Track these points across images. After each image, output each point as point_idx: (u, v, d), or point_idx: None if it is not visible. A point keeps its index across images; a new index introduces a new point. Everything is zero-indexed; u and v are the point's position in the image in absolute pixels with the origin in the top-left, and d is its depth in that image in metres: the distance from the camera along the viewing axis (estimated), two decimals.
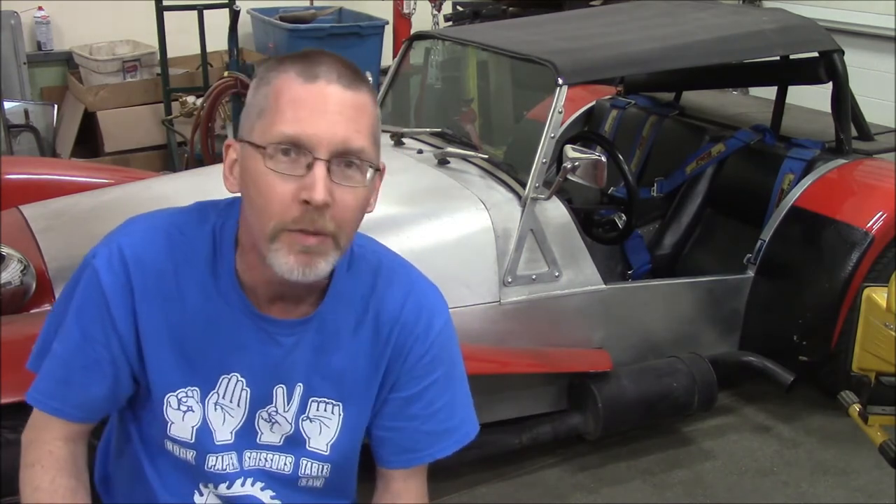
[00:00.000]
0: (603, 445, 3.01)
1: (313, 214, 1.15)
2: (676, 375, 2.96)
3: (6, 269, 2.33)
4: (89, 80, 5.40)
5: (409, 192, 2.87)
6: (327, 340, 1.32)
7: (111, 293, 1.26)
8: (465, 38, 3.51)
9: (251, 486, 1.36)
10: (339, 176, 1.17)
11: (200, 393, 1.31)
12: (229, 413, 1.32)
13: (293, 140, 1.15)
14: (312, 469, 1.37)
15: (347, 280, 1.33)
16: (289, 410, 1.33)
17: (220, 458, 1.34)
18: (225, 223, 1.30)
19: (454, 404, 1.40)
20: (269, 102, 1.18)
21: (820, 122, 3.66)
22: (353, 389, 1.35)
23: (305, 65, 1.17)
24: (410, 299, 1.35)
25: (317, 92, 1.16)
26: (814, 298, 3.10)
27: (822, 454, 3.06)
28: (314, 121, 1.15)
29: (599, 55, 3.08)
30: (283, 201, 1.15)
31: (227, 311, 1.29)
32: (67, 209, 2.80)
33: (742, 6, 5.76)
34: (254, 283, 1.28)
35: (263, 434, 1.35)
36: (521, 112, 3.98)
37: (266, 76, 1.21)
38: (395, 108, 3.69)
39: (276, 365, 1.31)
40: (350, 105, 1.17)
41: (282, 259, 1.17)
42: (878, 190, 3.19)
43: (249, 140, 1.19)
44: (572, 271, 2.85)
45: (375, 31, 5.57)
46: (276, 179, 1.16)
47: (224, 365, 1.30)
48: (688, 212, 3.62)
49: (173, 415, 1.31)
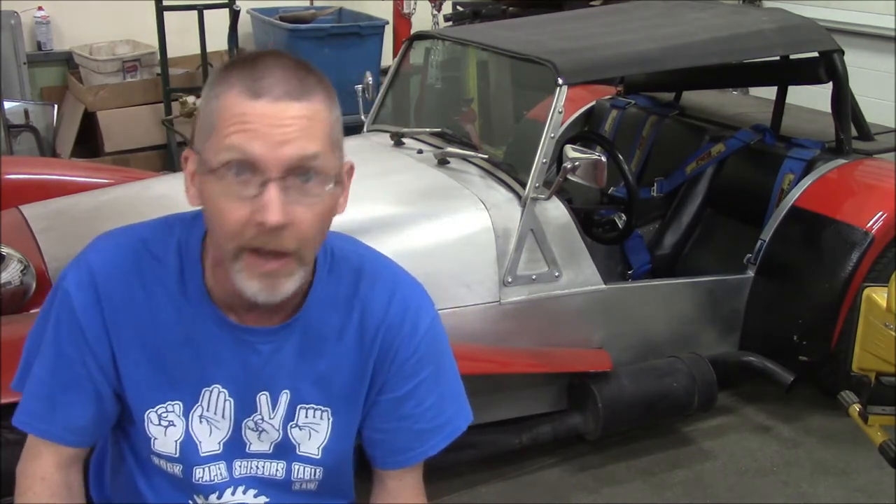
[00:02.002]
0: (603, 445, 3.01)
1: (271, 236, 1.12)
2: (676, 375, 2.96)
3: (6, 269, 2.33)
4: (89, 80, 5.39)
5: (409, 192, 2.87)
6: (311, 345, 1.30)
7: (83, 314, 1.26)
8: (465, 38, 3.51)
9: (242, 494, 1.35)
10: (296, 192, 1.12)
11: (183, 407, 1.30)
12: (215, 426, 1.31)
13: (242, 159, 1.10)
14: (305, 473, 1.36)
15: (329, 283, 1.30)
16: (275, 418, 1.32)
17: (208, 470, 1.33)
18: (189, 237, 1.28)
19: (443, 400, 1.38)
20: (215, 120, 1.13)
21: (820, 122, 3.66)
22: (341, 394, 1.33)
23: (250, 79, 1.12)
24: (395, 299, 1.32)
25: (263, 108, 1.10)
26: (814, 298, 3.10)
27: (822, 454, 3.06)
28: (262, 138, 1.09)
29: (599, 55, 3.08)
30: (239, 223, 1.12)
31: (202, 325, 1.27)
32: (67, 209, 2.80)
33: (742, 6, 5.76)
34: (226, 295, 1.26)
35: (252, 444, 1.34)
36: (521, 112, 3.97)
37: (214, 89, 1.15)
38: (395, 108, 3.69)
39: (256, 373, 1.29)
40: (299, 117, 1.11)
41: (245, 283, 1.16)
42: (878, 190, 3.19)
43: (202, 156, 1.15)
44: (572, 271, 2.85)
45: (375, 31, 5.56)
46: (230, 202, 1.12)
47: (205, 378, 1.29)
48: (688, 212, 3.62)
49: (155, 430, 1.31)
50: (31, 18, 5.41)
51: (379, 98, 3.55)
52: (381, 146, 3.27)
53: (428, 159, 3.07)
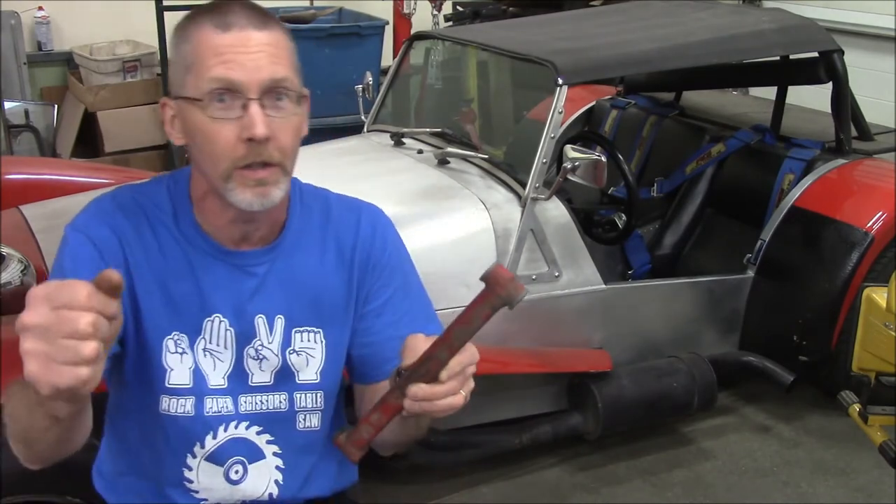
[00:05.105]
0: (603, 445, 3.01)
1: (258, 149, 1.25)
2: (676, 375, 2.96)
3: (6, 269, 2.33)
4: (89, 80, 5.40)
5: (409, 192, 2.87)
6: (297, 270, 1.41)
7: (101, 244, 1.32)
8: (465, 38, 3.52)
9: (245, 429, 1.40)
10: (272, 110, 1.26)
11: (189, 340, 1.36)
12: (218, 358, 1.37)
13: (225, 86, 1.24)
14: (307, 401, 1.42)
15: (302, 214, 1.43)
16: (272, 342, 1.39)
17: (216, 401, 1.38)
18: (177, 183, 1.40)
19: (415, 307, 1.49)
20: (193, 57, 1.26)
21: (820, 122, 3.66)
22: (332, 313, 1.43)
23: (217, 15, 1.26)
24: (363, 219, 1.47)
25: (234, 38, 1.25)
26: (814, 298, 3.10)
27: (822, 454, 3.06)
28: (239, 65, 1.24)
29: (599, 55, 3.08)
30: (229, 143, 1.25)
31: (199, 256, 1.36)
32: (67, 209, 2.79)
33: (742, 6, 5.76)
34: (216, 228, 1.36)
35: (254, 374, 1.39)
36: (521, 112, 3.97)
37: (184, 34, 1.29)
38: (395, 108, 3.69)
39: (251, 296, 1.38)
40: (266, 43, 1.26)
41: (239, 195, 1.27)
42: (878, 190, 3.19)
43: (184, 95, 1.27)
44: (572, 271, 2.85)
45: (375, 31, 5.56)
46: (218, 126, 1.25)
47: (205, 308, 1.36)
48: (688, 212, 3.62)
49: (171, 360, 1.35)
50: (31, 18, 5.42)
51: (379, 98, 3.55)
52: (381, 146, 3.27)
53: (428, 159, 3.07)
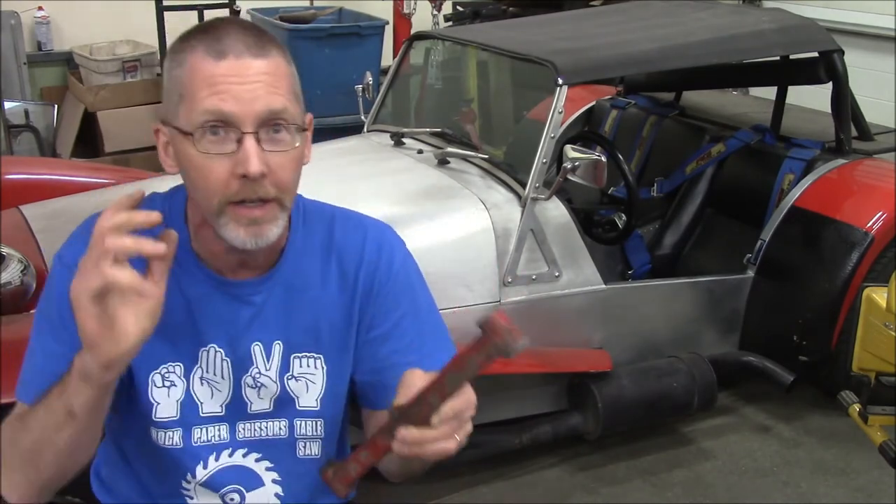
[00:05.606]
0: (603, 445, 3.01)
1: (253, 186, 1.19)
2: (676, 375, 2.96)
3: (6, 269, 2.33)
4: (89, 80, 5.40)
5: (409, 192, 2.87)
6: (297, 295, 1.35)
7: None
8: (465, 38, 3.52)
9: (242, 457, 1.37)
10: (269, 143, 1.19)
11: (184, 369, 1.33)
12: (216, 387, 1.34)
13: (218, 119, 1.17)
14: (307, 429, 1.39)
15: (305, 234, 1.37)
16: (270, 369, 1.35)
17: (206, 430, 1.35)
18: (172, 207, 1.34)
19: (423, 335, 1.41)
20: (185, 86, 1.19)
21: (820, 122, 3.66)
22: (332, 339, 1.38)
23: (211, 40, 1.19)
24: (369, 239, 1.40)
25: (229, 67, 1.17)
26: (814, 298, 3.10)
27: (822, 454, 3.06)
28: (233, 97, 1.17)
29: (599, 55, 3.08)
30: (221, 179, 1.19)
31: (194, 286, 1.31)
32: (67, 209, 2.80)
33: (742, 6, 5.76)
34: (213, 256, 1.31)
35: (253, 403, 1.36)
36: (521, 112, 3.97)
37: (177, 57, 1.22)
38: (395, 108, 3.69)
39: (248, 325, 1.33)
40: (264, 72, 1.19)
41: (232, 233, 1.21)
42: (878, 190, 3.19)
43: (176, 126, 1.21)
44: (572, 271, 2.85)
45: (375, 31, 5.56)
46: (210, 161, 1.19)
47: (201, 339, 1.32)
48: (688, 212, 3.62)
49: (158, 394, 1.32)
50: (31, 18, 5.42)
51: (379, 98, 3.55)
52: (381, 146, 3.27)
53: (428, 159, 3.07)
